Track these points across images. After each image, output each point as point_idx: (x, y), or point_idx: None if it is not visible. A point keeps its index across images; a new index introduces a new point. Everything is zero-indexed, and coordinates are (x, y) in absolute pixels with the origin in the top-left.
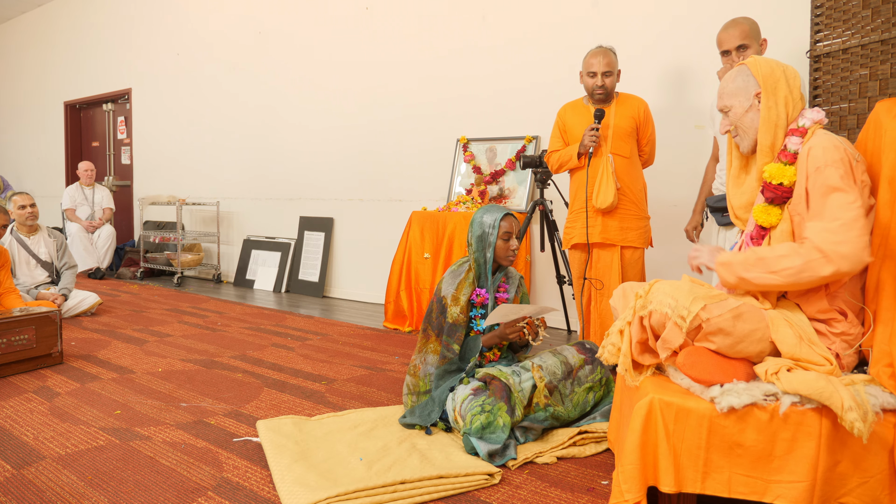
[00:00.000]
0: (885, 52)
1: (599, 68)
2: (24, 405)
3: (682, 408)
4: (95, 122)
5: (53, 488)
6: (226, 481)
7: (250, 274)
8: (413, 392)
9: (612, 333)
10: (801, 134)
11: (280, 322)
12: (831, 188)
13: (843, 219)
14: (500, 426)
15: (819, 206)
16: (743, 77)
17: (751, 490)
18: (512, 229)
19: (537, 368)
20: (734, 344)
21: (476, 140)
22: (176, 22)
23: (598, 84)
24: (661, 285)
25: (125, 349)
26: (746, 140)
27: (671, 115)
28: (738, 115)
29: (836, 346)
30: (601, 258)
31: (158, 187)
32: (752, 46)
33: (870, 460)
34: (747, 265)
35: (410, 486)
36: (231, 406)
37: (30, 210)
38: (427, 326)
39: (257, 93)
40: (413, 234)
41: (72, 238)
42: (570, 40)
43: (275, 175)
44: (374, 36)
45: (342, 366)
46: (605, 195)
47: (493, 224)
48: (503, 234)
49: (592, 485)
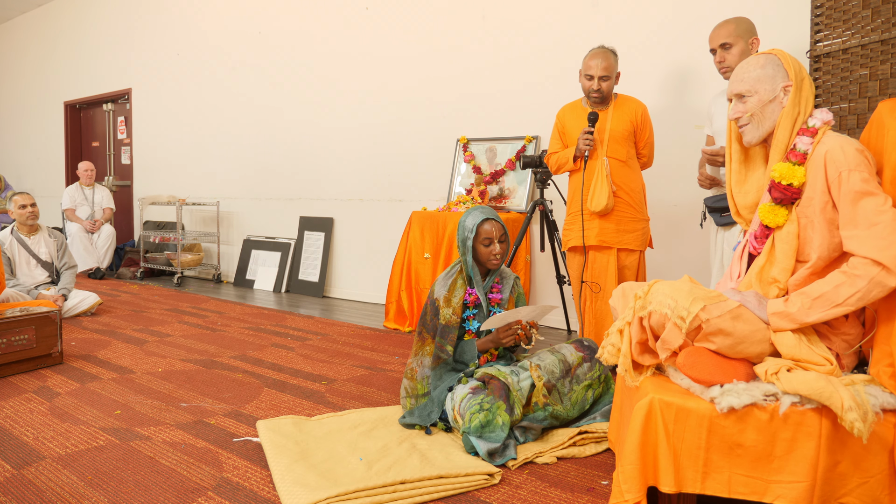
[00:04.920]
0: (885, 52)
1: (596, 72)
2: (24, 405)
3: (682, 408)
4: (95, 122)
5: (53, 488)
6: (226, 481)
7: (250, 274)
8: (411, 395)
9: (612, 334)
10: (811, 134)
11: (280, 322)
12: (860, 193)
13: (882, 222)
14: (499, 425)
15: (850, 213)
16: (773, 66)
17: (751, 490)
18: (493, 234)
19: (535, 367)
20: (734, 344)
21: (476, 140)
22: (176, 22)
23: (595, 88)
24: (661, 286)
25: (125, 349)
26: (759, 131)
27: (671, 115)
28: (759, 104)
29: (836, 346)
30: (597, 260)
31: (158, 187)
32: (738, 44)
33: (870, 460)
34: (805, 310)
35: (410, 486)
36: (231, 406)
37: (30, 210)
38: (422, 329)
39: (257, 93)
40: (413, 234)
41: (72, 238)
42: (570, 40)
43: (275, 175)
44: (375, 36)
45: (342, 366)
46: (599, 198)
47: (471, 228)
48: (483, 239)
49: (592, 485)
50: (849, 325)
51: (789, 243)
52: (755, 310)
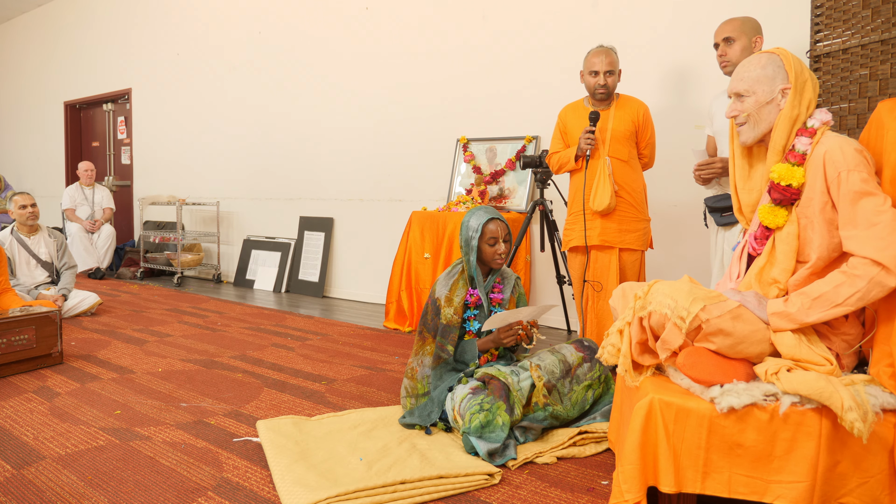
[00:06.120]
0: (885, 52)
1: (602, 67)
2: (24, 405)
3: (682, 408)
4: (95, 122)
5: (53, 488)
6: (226, 481)
7: (250, 274)
8: (411, 395)
9: (612, 334)
10: (809, 134)
11: (280, 322)
12: (860, 193)
13: (881, 222)
14: (499, 425)
15: (850, 213)
16: (774, 67)
17: (751, 490)
18: (498, 234)
19: (535, 367)
20: (734, 344)
21: (476, 140)
22: (176, 22)
23: (601, 83)
24: (661, 286)
25: (125, 349)
26: (754, 132)
27: (671, 115)
28: (755, 104)
29: (836, 346)
30: (599, 260)
31: (158, 187)
32: (741, 41)
33: (870, 460)
34: (805, 310)
35: (410, 486)
36: (231, 406)
37: (30, 210)
38: (423, 328)
39: (257, 92)
40: (413, 234)
41: (72, 238)
42: (570, 40)
43: (275, 175)
44: (375, 36)
45: (342, 366)
46: (601, 198)
47: (476, 228)
48: (488, 239)
49: (592, 485)
50: (849, 326)
51: (789, 244)
52: (755, 310)
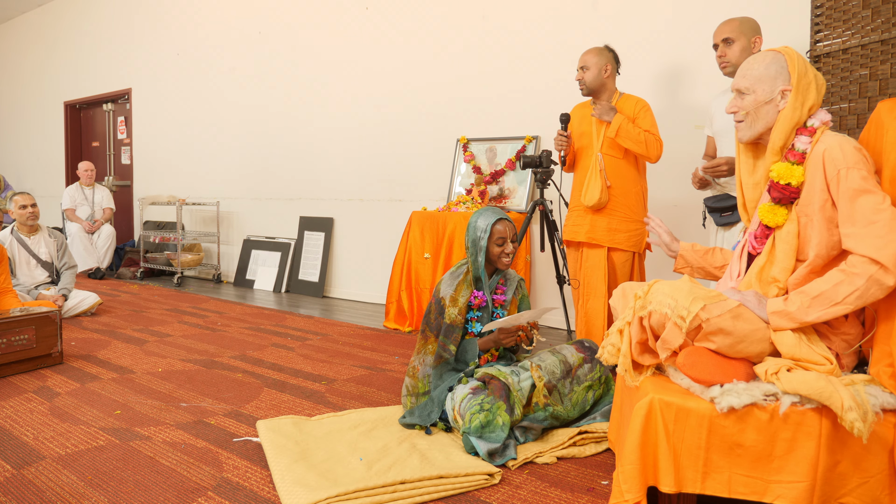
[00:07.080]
0: (885, 52)
1: (579, 64)
2: (24, 405)
3: (682, 408)
4: (95, 122)
5: (53, 488)
6: (226, 481)
7: (250, 274)
8: (412, 393)
9: (612, 334)
10: (809, 133)
11: (280, 322)
12: (859, 191)
13: (880, 220)
14: (499, 425)
15: (849, 211)
16: (777, 66)
17: (751, 490)
18: (506, 234)
19: (536, 368)
20: (734, 344)
21: (476, 140)
22: (176, 22)
23: (578, 78)
24: (661, 285)
25: (125, 349)
26: (751, 130)
27: (670, 115)
28: (755, 103)
29: (836, 345)
30: (589, 258)
31: (158, 187)
32: (740, 41)
33: (870, 460)
34: (805, 309)
35: (410, 486)
36: (231, 406)
37: (30, 210)
38: (426, 327)
39: (257, 93)
40: (413, 234)
41: (72, 238)
42: (570, 40)
43: (275, 175)
44: (375, 36)
45: (342, 366)
46: (592, 193)
47: (485, 228)
48: (497, 239)
49: (592, 485)
50: (849, 325)
51: (790, 243)
52: (755, 309)
